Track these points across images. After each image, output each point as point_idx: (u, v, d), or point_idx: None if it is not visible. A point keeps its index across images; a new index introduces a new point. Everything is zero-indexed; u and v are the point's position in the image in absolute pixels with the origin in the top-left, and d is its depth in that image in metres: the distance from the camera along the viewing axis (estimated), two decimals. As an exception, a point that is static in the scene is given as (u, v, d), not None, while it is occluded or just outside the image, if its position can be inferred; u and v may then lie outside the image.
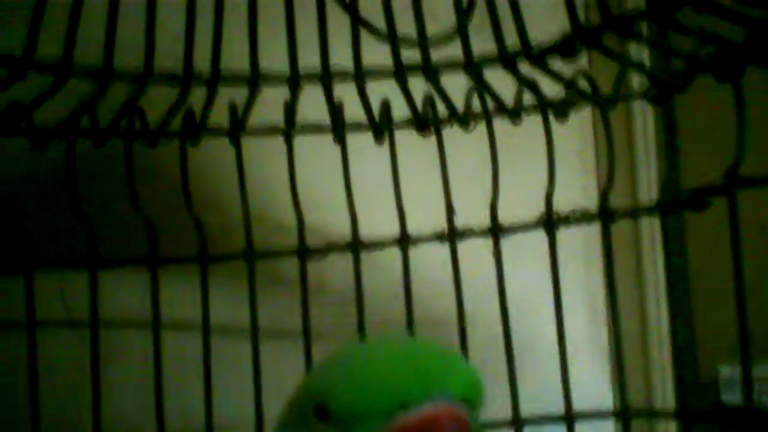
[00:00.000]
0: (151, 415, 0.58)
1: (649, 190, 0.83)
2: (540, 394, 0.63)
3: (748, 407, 0.53)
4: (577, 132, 0.82)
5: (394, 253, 0.62)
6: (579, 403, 0.62)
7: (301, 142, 0.63)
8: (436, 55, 0.60)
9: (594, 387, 0.78)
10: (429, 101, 0.63)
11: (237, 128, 0.62)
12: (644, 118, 0.84)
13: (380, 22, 0.58)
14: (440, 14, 0.61)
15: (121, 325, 0.67)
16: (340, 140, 0.63)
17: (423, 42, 0.59)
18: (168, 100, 0.59)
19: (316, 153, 0.63)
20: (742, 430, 0.53)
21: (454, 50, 0.60)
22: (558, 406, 0.61)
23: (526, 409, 0.61)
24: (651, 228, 0.84)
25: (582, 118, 0.64)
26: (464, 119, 0.63)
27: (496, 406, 0.58)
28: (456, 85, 0.62)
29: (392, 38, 0.59)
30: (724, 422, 0.55)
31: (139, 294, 0.60)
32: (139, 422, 0.61)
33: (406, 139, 0.64)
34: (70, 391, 0.67)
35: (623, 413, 0.62)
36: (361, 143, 0.63)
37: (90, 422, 0.57)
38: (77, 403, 0.65)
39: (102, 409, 0.57)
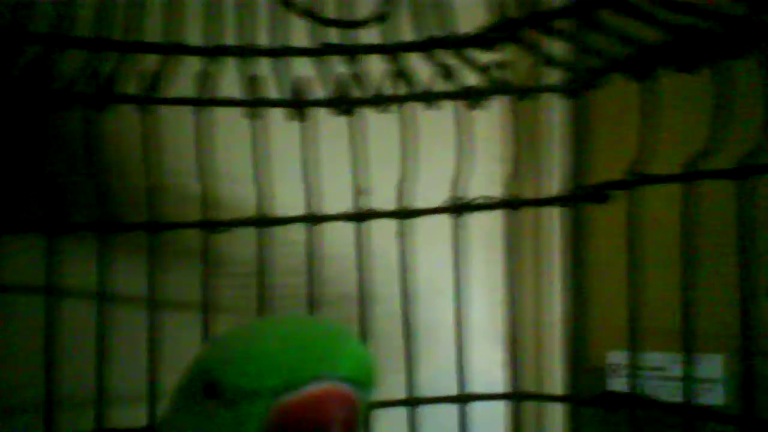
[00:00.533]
0: (41, 382, 0.57)
1: (554, 182, 0.85)
2: (437, 376, 0.65)
3: (631, 393, 0.57)
4: (491, 121, 0.83)
5: (302, 229, 0.62)
6: (474, 386, 0.63)
7: (214, 114, 0.62)
8: (357, 38, 0.60)
9: (488, 370, 0.80)
10: (347, 82, 0.63)
11: (146, 97, 0.60)
12: (555, 112, 0.86)
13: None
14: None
15: (16, 292, 0.65)
16: (254, 115, 0.62)
17: (345, 23, 0.59)
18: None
19: (228, 126, 0.62)
20: (625, 413, 0.57)
21: (375, 35, 0.60)
22: (454, 388, 0.63)
23: (423, 390, 0.62)
24: (553, 218, 0.86)
25: (496, 108, 0.65)
26: (380, 102, 0.63)
27: (393, 387, 0.59)
28: (375, 69, 0.62)
29: (313, 17, 0.59)
30: (608, 406, 0.58)
31: (36, 261, 0.59)
32: (30, 390, 0.59)
33: (322, 118, 0.64)
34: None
35: (515, 396, 0.64)
36: (275, 119, 0.63)
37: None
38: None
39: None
